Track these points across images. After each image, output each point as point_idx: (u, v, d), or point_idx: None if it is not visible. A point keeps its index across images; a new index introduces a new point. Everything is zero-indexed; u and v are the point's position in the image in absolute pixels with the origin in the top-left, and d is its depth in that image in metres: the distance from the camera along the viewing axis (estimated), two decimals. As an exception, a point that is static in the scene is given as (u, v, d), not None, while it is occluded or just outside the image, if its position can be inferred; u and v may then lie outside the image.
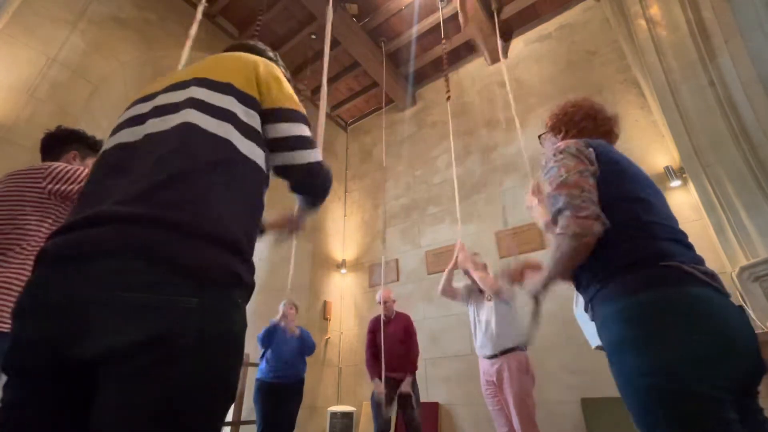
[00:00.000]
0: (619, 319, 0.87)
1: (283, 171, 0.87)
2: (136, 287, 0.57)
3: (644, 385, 0.81)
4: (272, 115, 0.83)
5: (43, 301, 0.60)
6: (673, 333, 0.81)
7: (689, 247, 0.96)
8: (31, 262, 1.31)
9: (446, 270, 2.97)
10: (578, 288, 1.05)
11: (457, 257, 2.89)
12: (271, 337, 3.32)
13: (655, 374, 0.80)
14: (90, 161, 1.61)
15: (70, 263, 0.60)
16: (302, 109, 0.89)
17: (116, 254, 0.59)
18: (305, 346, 3.44)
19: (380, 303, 3.41)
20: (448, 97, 3.87)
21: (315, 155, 0.88)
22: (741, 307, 0.88)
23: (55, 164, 1.45)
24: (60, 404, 0.58)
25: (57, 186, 1.41)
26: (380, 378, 3.11)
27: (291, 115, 0.85)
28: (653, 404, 0.80)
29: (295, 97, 0.90)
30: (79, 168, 1.47)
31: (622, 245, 0.93)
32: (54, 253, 0.63)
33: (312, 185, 0.91)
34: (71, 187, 1.43)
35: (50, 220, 1.41)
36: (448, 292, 2.99)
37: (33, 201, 1.38)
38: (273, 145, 0.84)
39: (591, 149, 1.07)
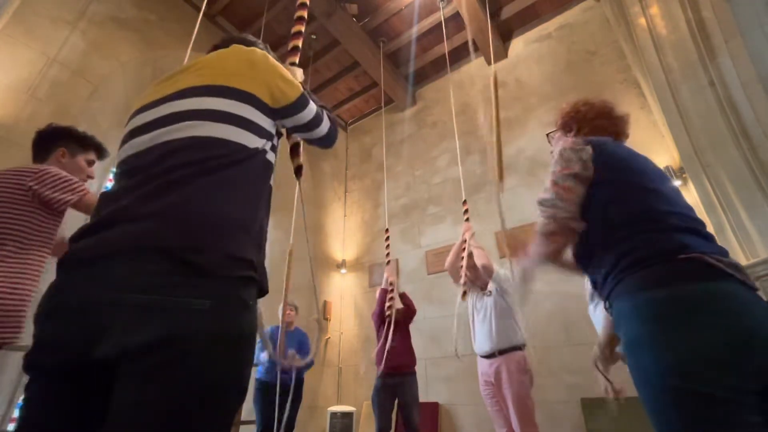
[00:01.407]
0: (636, 315, 0.84)
1: (304, 140, 1.08)
2: (149, 289, 0.58)
3: (660, 384, 0.78)
4: (287, 110, 0.90)
5: (61, 304, 0.62)
6: (691, 331, 0.77)
7: (708, 238, 0.91)
8: (11, 270, 1.29)
9: (455, 248, 2.93)
10: (595, 286, 1.02)
11: (463, 235, 2.86)
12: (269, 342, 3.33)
13: (671, 374, 0.77)
14: (81, 157, 1.58)
15: (87, 266, 0.62)
16: (299, 86, 0.94)
17: (129, 257, 0.61)
18: (303, 352, 3.43)
19: (387, 286, 3.40)
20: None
21: (326, 125, 1.03)
22: None
23: (48, 168, 1.42)
24: (76, 403, 0.61)
25: (40, 189, 1.36)
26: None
27: (301, 104, 0.93)
28: (669, 405, 0.77)
29: (292, 78, 0.93)
30: (75, 180, 1.43)
31: (638, 237, 0.90)
32: (72, 257, 0.65)
33: (327, 143, 1.08)
34: (57, 195, 1.37)
35: (34, 228, 1.37)
36: (453, 271, 2.93)
37: (17, 205, 1.35)
38: (294, 129, 0.99)
39: (589, 147, 1.04)
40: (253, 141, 0.78)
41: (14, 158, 2.80)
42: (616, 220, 0.94)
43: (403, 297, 3.52)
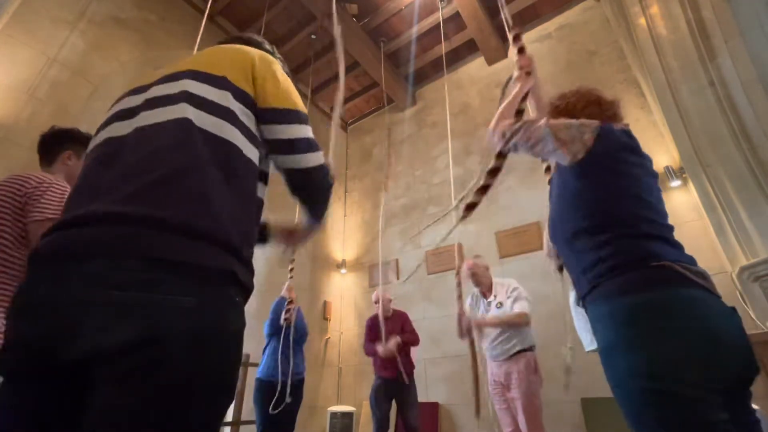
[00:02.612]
0: (611, 321, 0.89)
1: (283, 172, 0.85)
2: (129, 286, 0.55)
3: (633, 386, 0.83)
4: (269, 114, 0.80)
5: (34, 302, 0.59)
6: (662, 335, 0.82)
7: (677, 246, 0.96)
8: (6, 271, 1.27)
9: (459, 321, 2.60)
10: (573, 282, 1.06)
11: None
12: (278, 312, 3.31)
13: (643, 376, 0.81)
14: None
15: (62, 263, 0.59)
16: (301, 107, 0.85)
17: (109, 253, 0.57)
18: (300, 334, 3.39)
19: (375, 303, 3.42)
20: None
21: (316, 158, 0.85)
22: (733, 308, 0.88)
23: (52, 184, 1.37)
24: (53, 405, 0.57)
25: (31, 200, 1.32)
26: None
27: (289, 116, 0.82)
28: (643, 406, 0.81)
29: (294, 94, 0.86)
30: (55, 199, 1.37)
31: (615, 243, 0.94)
32: (46, 253, 0.61)
33: (312, 189, 0.88)
34: (36, 214, 1.31)
35: (20, 236, 1.32)
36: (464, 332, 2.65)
37: (9, 212, 1.31)
38: (272, 146, 0.81)
39: (597, 123, 1.06)
40: (235, 136, 0.73)
41: (14, 158, 2.80)
42: (601, 222, 0.98)
43: (405, 323, 3.39)
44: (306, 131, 0.84)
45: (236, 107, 0.76)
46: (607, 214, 0.98)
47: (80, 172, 0.73)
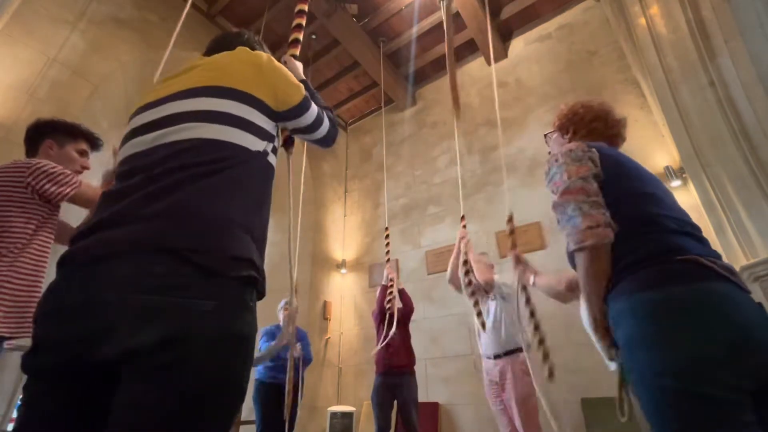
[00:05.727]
0: (632, 316, 0.85)
1: (304, 139, 1.05)
2: (154, 290, 0.58)
3: (657, 384, 0.78)
4: (289, 113, 0.90)
5: (64, 304, 0.62)
6: (689, 331, 0.78)
7: (703, 241, 0.93)
8: (19, 265, 1.30)
9: (452, 258, 2.91)
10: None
11: (459, 243, 2.82)
12: (271, 340, 3.33)
13: (667, 374, 0.77)
14: (70, 148, 1.58)
15: (90, 266, 0.62)
16: (302, 88, 0.95)
17: (134, 257, 0.61)
18: (302, 358, 3.38)
19: (388, 283, 3.43)
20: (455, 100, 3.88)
21: (326, 125, 1.03)
22: (760, 304, 0.85)
23: (40, 162, 1.42)
24: (79, 404, 0.60)
25: (39, 184, 1.37)
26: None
27: (304, 106, 0.93)
28: (666, 404, 0.77)
29: (295, 80, 0.94)
30: (68, 173, 1.43)
31: (634, 240, 0.91)
32: (75, 256, 0.64)
33: (325, 141, 1.07)
34: (54, 188, 1.39)
35: (35, 222, 1.37)
36: (455, 281, 2.91)
37: (18, 201, 1.36)
38: (295, 131, 0.99)
39: (593, 149, 1.05)
40: (255, 143, 0.79)
41: (14, 158, 2.79)
42: (623, 220, 0.95)
43: (402, 294, 3.52)
44: (315, 109, 0.98)
45: (251, 114, 0.81)
46: (629, 213, 0.95)
47: (114, 184, 0.77)
